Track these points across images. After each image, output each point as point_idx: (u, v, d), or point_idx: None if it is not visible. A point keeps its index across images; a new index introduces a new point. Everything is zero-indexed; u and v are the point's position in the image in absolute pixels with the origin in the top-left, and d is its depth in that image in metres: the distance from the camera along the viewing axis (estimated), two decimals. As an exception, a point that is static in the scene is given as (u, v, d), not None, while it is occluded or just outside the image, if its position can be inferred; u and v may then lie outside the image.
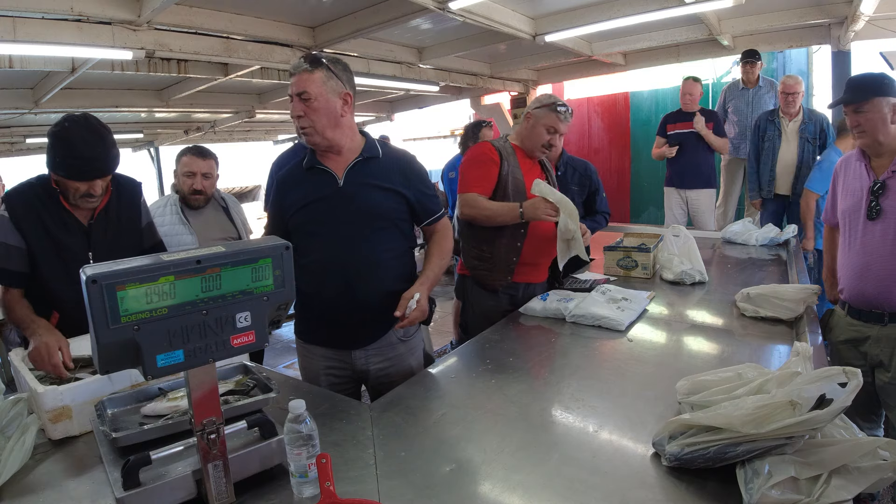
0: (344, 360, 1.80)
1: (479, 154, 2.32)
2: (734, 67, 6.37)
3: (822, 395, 0.98)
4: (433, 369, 1.75)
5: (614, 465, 1.14)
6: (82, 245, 1.79)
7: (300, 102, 1.63)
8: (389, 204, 1.74)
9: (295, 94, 1.64)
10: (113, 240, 1.84)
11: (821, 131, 4.08)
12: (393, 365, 1.82)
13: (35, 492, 1.13)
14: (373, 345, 1.79)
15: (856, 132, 2.00)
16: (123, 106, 5.59)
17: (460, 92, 7.13)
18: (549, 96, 2.35)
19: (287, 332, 5.38)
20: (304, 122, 1.65)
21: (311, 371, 1.85)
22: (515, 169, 2.30)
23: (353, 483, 1.12)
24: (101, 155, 1.68)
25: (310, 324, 1.84)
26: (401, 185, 1.75)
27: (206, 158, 2.65)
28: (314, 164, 1.74)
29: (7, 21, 2.91)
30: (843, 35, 4.38)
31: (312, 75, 1.62)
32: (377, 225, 1.72)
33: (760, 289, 2.01)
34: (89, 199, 1.73)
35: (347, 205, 1.69)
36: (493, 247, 2.30)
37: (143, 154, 10.71)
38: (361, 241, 1.70)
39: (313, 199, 1.72)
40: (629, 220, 7.34)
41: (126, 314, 0.89)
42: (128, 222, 1.91)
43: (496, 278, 2.31)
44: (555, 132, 2.30)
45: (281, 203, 1.78)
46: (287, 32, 4.01)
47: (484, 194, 2.26)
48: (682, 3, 3.62)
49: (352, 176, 1.72)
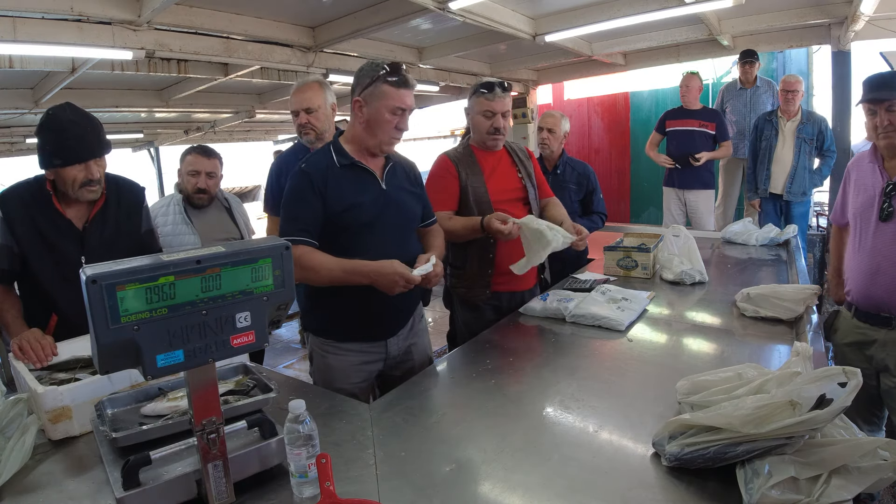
0: (380, 350, 1.84)
1: (436, 170, 2.26)
2: (734, 67, 6.38)
3: (822, 395, 0.98)
4: (433, 369, 1.75)
5: (614, 465, 1.14)
6: (76, 248, 1.77)
7: (404, 116, 1.71)
8: (417, 206, 1.88)
9: (410, 108, 1.70)
10: (109, 245, 1.81)
11: (819, 133, 4.09)
12: (415, 343, 1.93)
13: (35, 492, 1.13)
14: (402, 330, 1.88)
15: (883, 132, 1.91)
16: (123, 106, 5.59)
17: (460, 92, 7.12)
18: (476, 83, 2.22)
19: (287, 332, 5.38)
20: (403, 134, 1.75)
21: (340, 369, 1.81)
22: (473, 176, 2.22)
23: (353, 483, 1.12)
24: (91, 133, 1.69)
25: (348, 322, 1.79)
26: (418, 188, 1.90)
27: (210, 158, 2.66)
28: (353, 161, 1.72)
29: (7, 21, 2.91)
30: (843, 35, 4.38)
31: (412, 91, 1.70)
32: (412, 225, 1.87)
33: (760, 289, 2.01)
34: (90, 187, 1.72)
35: (390, 207, 1.76)
36: (465, 261, 2.26)
37: (143, 154, 10.70)
38: (405, 240, 1.81)
39: (362, 198, 1.71)
40: (629, 221, 7.34)
41: (126, 314, 0.89)
42: (126, 227, 1.88)
43: (475, 293, 2.26)
44: (493, 114, 2.18)
45: (321, 200, 1.68)
46: (287, 32, 4.01)
47: (449, 210, 2.20)
48: (682, 3, 3.62)
49: (389, 178, 1.79)
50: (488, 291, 2.25)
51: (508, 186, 2.29)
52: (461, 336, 2.32)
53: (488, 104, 2.17)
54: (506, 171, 2.32)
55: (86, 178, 1.70)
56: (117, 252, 1.75)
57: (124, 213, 1.88)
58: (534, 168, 2.41)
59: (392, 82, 1.64)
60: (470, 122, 2.29)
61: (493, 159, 2.30)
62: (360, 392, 1.82)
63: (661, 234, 2.83)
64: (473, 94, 2.23)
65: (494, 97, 2.17)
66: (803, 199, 4.25)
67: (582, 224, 2.32)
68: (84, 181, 1.70)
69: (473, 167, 2.24)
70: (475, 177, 2.23)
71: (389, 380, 1.89)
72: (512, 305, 2.28)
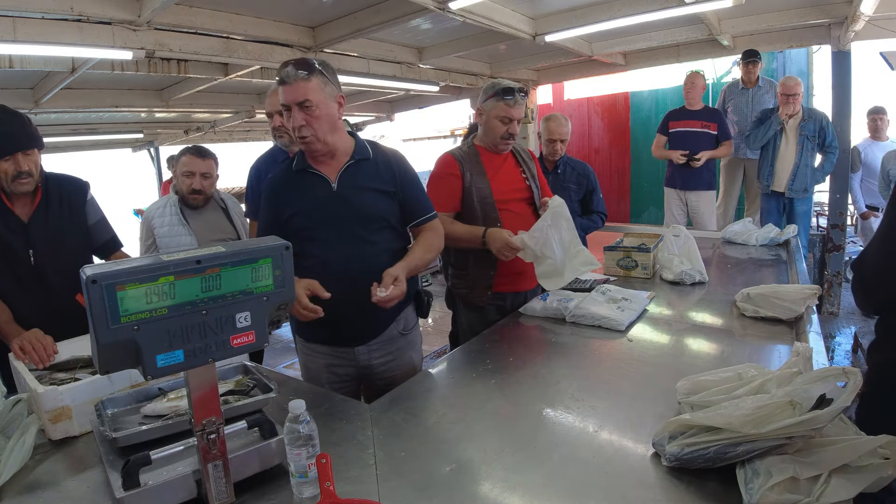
0: (347, 356, 1.80)
1: (440, 169, 2.23)
2: (734, 67, 6.38)
3: (822, 395, 0.98)
4: (433, 369, 1.75)
5: (614, 465, 1.14)
6: (23, 243, 1.83)
7: (300, 111, 1.59)
8: (382, 205, 1.74)
9: (294, 103, 1.58)
10: (55, 238, 1.88)
11: (820, 129, 4.10)
12: (395, 359, 1.84)
13: (35, 492, 1.13)
14: (374, 340, 1.80)
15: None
16: (123, 106, 5.59)
17: (460, 92, 7.12)
18: (493, 84, 2.19)
19: (287, 332, 5.38)
20: (307, 130, 1.61)
21: (313, 369, 1.85)
22: (478, 177, 2.20)
23: (353, 483, 1.12)
24: (16, 127, 1.77)
25: (311, 323, 1.80)
26: (392, 185, 1.75)
27: (205, 158, 2.65)
28: (305, 167, 1.72)
29: (7, 21, 2.91)
30: (843, 35, 4.38)
31: (309, 83, 1.57)
32: (373, 226, 1.73)
33: (760, 289, 2.01)
34: (20, 179, 1.78)
35: (343, 208, 1.69)
36: (466, 263, 2.24)
37: (143, 154, 10.69)
38: (361, 243, 1.70)
39: (309, 204, 1.70)
40: (629, 220, 7.33)
41: (126, 314, 0.89)
42: (70, 221, 1.94)
43: (477, 294, 2.25)
44: (510, 120, 2.17)
45: (275, 209, 1.74)
46: (287, 32, 4.01)
47: (451, 211, 2.18)
48: (682, 3, 3.62)
49: (345, 179, 1.71)
50: (490, 292, 2.24)
51: (513, 187, 2.29)
52: (464, 337, 2.30)
53: (507, 110, 2.16)
54: (510, 171, 2.32)
55: (16, 171, 1.76)
56: (67, 246, 1.88)
57: (66, 208, 1.94)
58: (536, 169, 2.42)
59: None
60: (483, 123, 2.25)
61: (498, 160, 2.29)
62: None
63: (661, 234, 2.83)
64: (492, 96, 2.17)
65: (515, 104, 2.16)
66: (805, 196, 4.25)
67: (582, 224, 2.32)
68: (14, 174, 1.77)
69: (478, 167, 2.23)
70: (479, 177, 2.22)
71: (373, 389, 1.86)
72: (515, 305, 2.28)
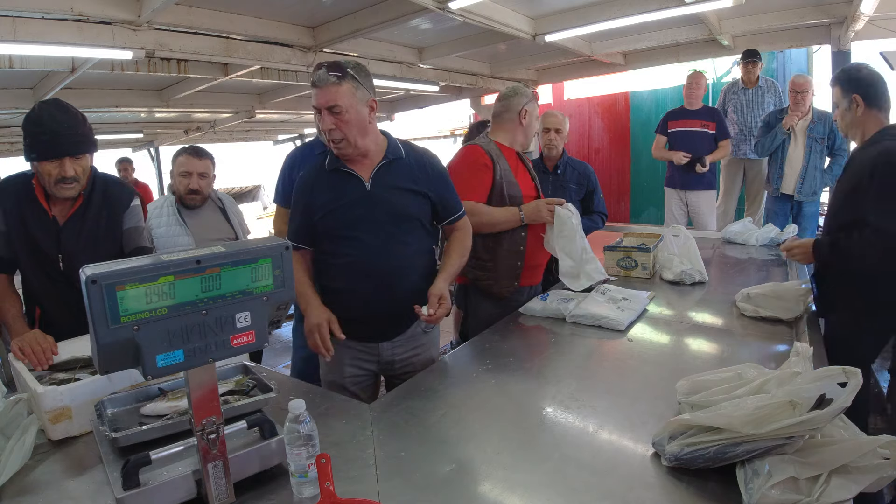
0: (371, 352, 1.82)
1: (472, 160, 2.25)
2: (734, 67, 6.37)
3: (822, 395, 0.98)
4: (433, 369, 1.75)
5: (614, 465, 1.14)
6: (54, 246, 1.75)
7: (330, 115, 1.60)
8: (415, 205, 1.76)
9: (324, 107, 1.60)
10: (86, 246, 1.77)
11: (830, 132, 4.04)
12: (417, 354, 1.87)
13: (35, 492, 1.13)
14: (399, 337, 1.82)
15: None
16: (123, 106, 5.59)
17: (460, 92, 7.13)
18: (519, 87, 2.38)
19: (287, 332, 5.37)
20: (337, 134, 1.63)
21: (332, 364, 1.82)
22: (507, 171, 2.25)
23: (353, 483, 1.12)
24: (68, 130, 1.64)
25: (341, 318, 1.78)
26: (424, 185, 1.77)
27: (202, 158, 2.64)
28: (339, 166, 1.72)
29: (7, 21, 2.91)
30: (843, 35, 4.38)
31: (340, 87, 1.58)
32: (406, 226, 1.75)
33: (760, 289, 2.01)
34: (64, 184, 1.67)
35: (377, 208, 1.70)
36: (494, 255, 2.25)
37: (143, 154, 10.70)
38: (394, 242, 1.72)
39: (342, 203, 1.70)
40: (629, 220, 7.32)
41: (126, 314, 0.89)
42: (107, 227, 1.83)
43: (503, 286, 2.26)
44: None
45: (308, 205, 1.74)
46: (287, 32, 4.01)
47: (480, 201, 2.20)
48: (682, 3, 3.62)
49: (378, 179, 1.72)
50: (517, 283, 2.27)
51: (528, 185, 2.36)
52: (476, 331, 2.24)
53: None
54: (522, 171, 2.37)
55: (59, 175, 1.65)
56: (96, 254, 1.71)
57: (105, 214, 1.82)
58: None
59: None
60: (525, 123, 2.34)
61: (514, 159, 2.34)
62: (360, 391, 1.83)
63: (661, 234, 2.83)
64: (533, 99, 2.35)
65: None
66: (814, 199, 4.22)
67: (583, 224, 2.33)
68: (58, 178, 1.66)
69: (504, 162, 2.28)
70: (507, 172, 2.26)
71: (393, 385, 1.86)
72: (528, 299, 2.29)
